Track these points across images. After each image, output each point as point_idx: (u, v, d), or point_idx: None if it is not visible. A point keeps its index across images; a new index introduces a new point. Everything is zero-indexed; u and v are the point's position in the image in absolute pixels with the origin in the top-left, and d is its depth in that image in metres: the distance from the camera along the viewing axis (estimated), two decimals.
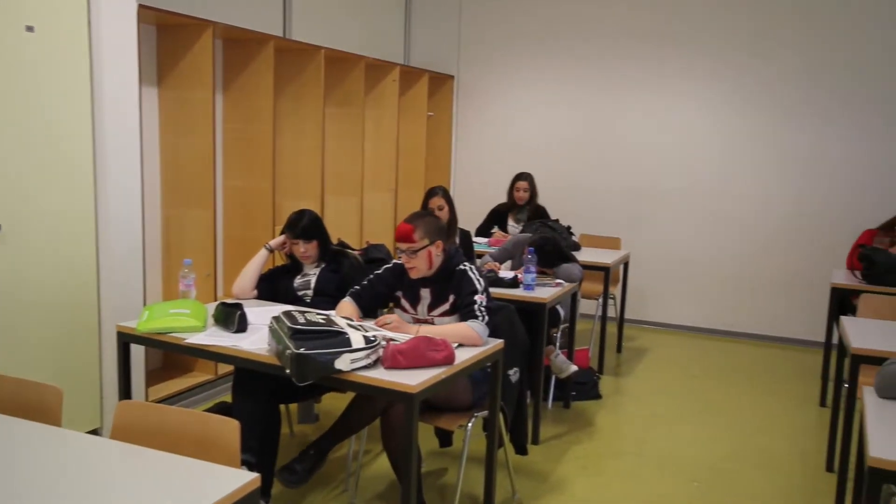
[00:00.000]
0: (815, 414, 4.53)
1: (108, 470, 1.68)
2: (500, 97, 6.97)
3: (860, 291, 4.15)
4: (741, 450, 3.96)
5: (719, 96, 6.18)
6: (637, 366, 5.43)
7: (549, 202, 5.86)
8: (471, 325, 2.82)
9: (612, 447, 3.95)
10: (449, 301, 3.01)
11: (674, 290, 6.47)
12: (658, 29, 6.30)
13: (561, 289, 4.02)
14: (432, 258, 2.97)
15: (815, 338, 5.19)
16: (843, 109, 5.80)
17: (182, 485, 1.60)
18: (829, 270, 4.93)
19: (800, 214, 6.00)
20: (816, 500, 3.39)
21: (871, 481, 1.94)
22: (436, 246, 2.96)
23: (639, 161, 6.49)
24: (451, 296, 3.00)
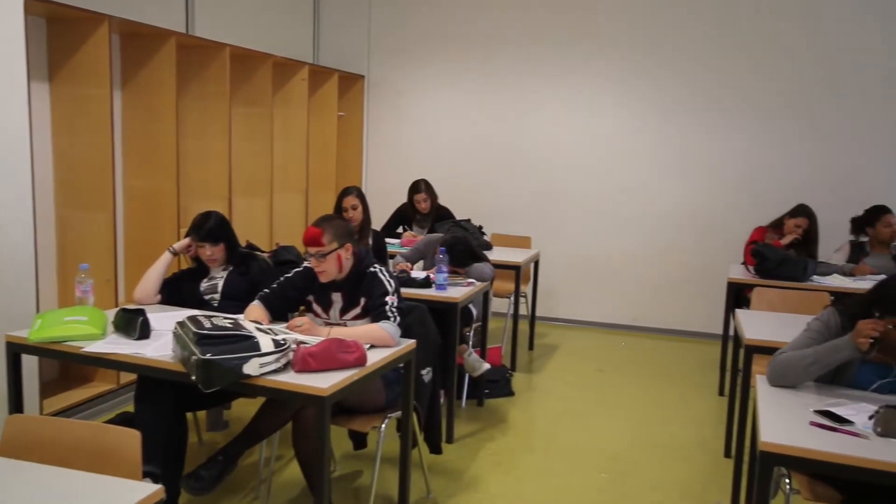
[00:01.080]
0: (715, 403, 4.75)
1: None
2: (411, 97, 6.98)
3: (753, 285, 4.38)
4: (646, 440, 4.11)
5: (623, 99, 6.39)
6: (548, 362, 5.55)
7: (461, 202, 5.92)
8: (382, 326, 2.81)
9: (525, 442, 4.02)
10: (360, 304, 2.99)
11: (582, 287, 6.65)
12: (566, 32, 6.45)
13: (473, 288, 4.06)
14: (342, 261, 2.95)
15: (714, 330, 5.43)
16: (738, 114, 6.10)
17: (76, 501, 1.53)
18: (726, 266, 5.18)
19: (699, 213, 6.28)
20: (715, 484, 3.56)
21: (763, 464, 2.05)
22: (345, 249, 2.94)
23: (548, 162, 6.63)
24: (363, 299, 2.98)
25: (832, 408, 2.25)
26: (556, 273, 6.54)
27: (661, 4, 6.18)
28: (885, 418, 2.07)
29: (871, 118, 5.80)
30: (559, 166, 6.61)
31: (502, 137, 6.73)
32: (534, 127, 6.65)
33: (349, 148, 6.99)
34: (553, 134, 6.60)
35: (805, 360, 2.43)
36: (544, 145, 6.63)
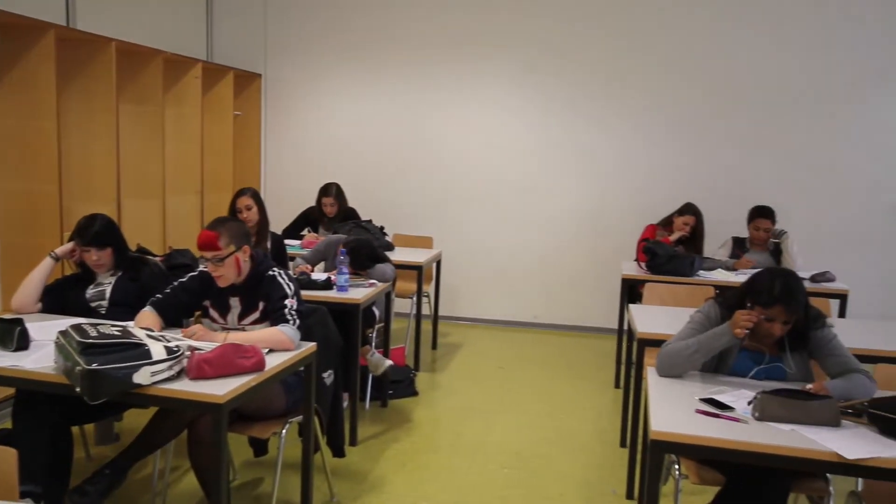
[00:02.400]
0: (612, 395, 4.92)
1: None
2: (311, 97, 6.88)
3: (645, 281, 4.57)
4: (547, 434, 4.21)
5: (524, 101, 6.52)
6: (452, 361, 5.59)
7: (363, 202, 5.88)
8: (281, 329, 2.75)
9: (429, 442, 4.04)
10: (259, 308, 2.92)
11: (484, 286, 6.75)
12: (466, 32, 6.53)
13: (375, 289, 4.04)
14: (240, 265, 2.88)
15: (611, 325, 5.62)
16: (635, 118, 6.35)
17: None
18: (621, 263, 5.37)
19: (596, 212, 6.49)
20: (611, 473, 3.69)
21: (653, 452, 2.14)
22: (243, 251, 2.87)
23: (450, 162, 6.69)
24: (261, 303, 2.92)
25: (715, 395, 2.38)
26: (458, 272, 6.61)
27: (558, 6, 6.35)
28: (762, 403, 2.20)
29: (750, 122, 6.15)
30: (461, 166, 6.68)
31: (404, 138, 6.74)
32: (436, 127, 6.69)
33: (246, 148, 6.82)
34: (455, 134, 6.66)
35: (689, 349, 2.55)
36: (446, 145, 6.69)
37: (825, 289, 4.55)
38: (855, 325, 3.84)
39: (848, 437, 2.08)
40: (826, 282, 4.66)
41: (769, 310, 2.47)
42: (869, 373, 2.48)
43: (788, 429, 2.14)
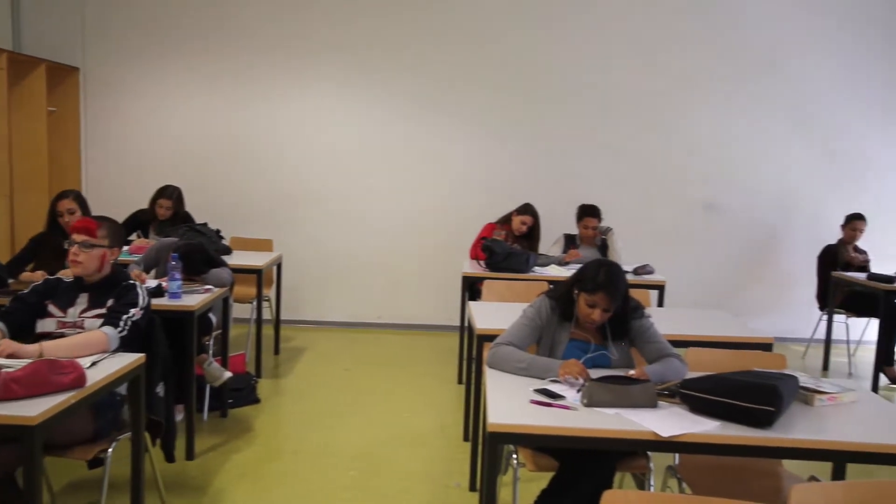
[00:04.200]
0: (455, 391, 5.03)
1: None
2: (138, 93, 6.48)
3: (484, 278, 4.71)
4: (392, 433, 4.23)
5: (367, 102, 6.52)
6: (295, 365, 5.48)
7: (197, 205, 5.62)
8: (103, 330, 2.69)
9: (272, 450, 3.94)
10: (106, 307, 2.83)
11: (328, 287, 6.67)
12: (306, 32, 6.42)
13: (211, 294, 3.87)
14: (104, 262, 2.86)
15: (454, 322, 5.75)
16: (474, 120, 6.52)
17: None
18: (463, 261, 5.50)
19: (438, 211, 6.61)
20: (455, 467, 3.77)
21: (491, 443, 2.21)
22: (112, 252, 2.88)
23: (290, 162, 6.55)
24: (111, 301, 2.84)
25: (548, 385, 2.50)
26: (300, 275, 6.48)
27: (397, 7, 6.40)
28: (589, 391, 2.34)
29: (581, 124, 6.53)
30: (302, 167, 6.56)
31: (242, 138, 6.52)
32: (275, 127, 6.52)
33: (64, 147, 6.30)
34: (296, 134, 6.54)
35: (520, 364, 2.65)
36: (287, 146, 6.54)
37: (645, 280, 4.92)
38: (671, 313, 4.19)
39: (664, 417, 2.26)
40: (646, 274, 5.03)
41: (592, 296, 2.64)
42: (681, 356, 2.71)
43: (613, 413, 2.28)
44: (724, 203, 6.65)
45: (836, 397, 2.46)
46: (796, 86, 6.52)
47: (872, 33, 6.49)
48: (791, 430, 2.19)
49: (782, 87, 6.52)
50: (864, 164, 6.61)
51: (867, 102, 6.55)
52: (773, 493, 2.54)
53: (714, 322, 3.77)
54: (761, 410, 2.16)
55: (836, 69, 6.50)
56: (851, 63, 6.50)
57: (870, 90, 6.54)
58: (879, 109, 6.56)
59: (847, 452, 2.21)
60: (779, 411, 2.18)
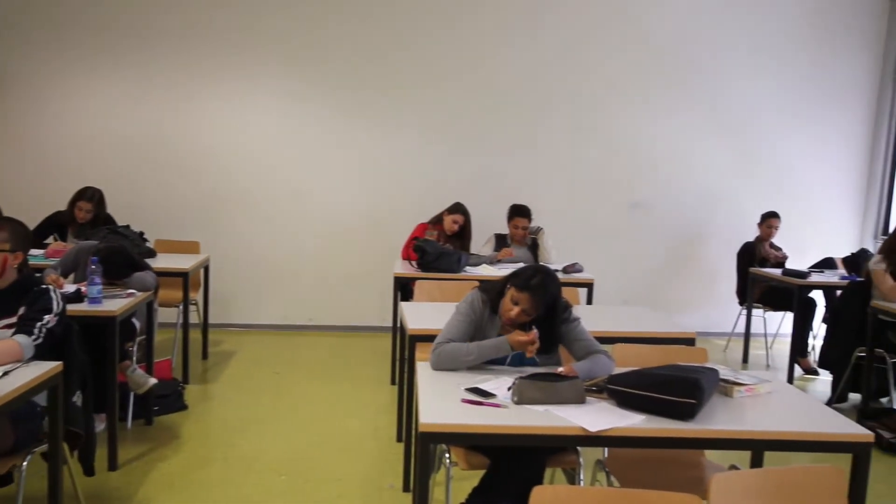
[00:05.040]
0: (388, 392, 5.01)
1: None
2: (49, 91, 6.23)
3: (416, 278, 4.71)
4: (325, 436, 4.19)
5: (297, 101, 6.44)
6: (224, 370, 5.36)
7: (119, 206, 5.44)
8: (16, 339, 2.57)
9: (200, 457, 3.83)
10: (17, 314, 2.70)
11: (258, 290, 6.55)
12: (236, 29, 6.28)
13: (134, 299, 3.75)
14: (6, 267, 2.71)
15: (387, 323, 5.74)
16: (407, 120, 6.52)
17: None
18: (395, 262, 5.49)
19: (370, 212, 6.57)
20: (389, 468, 3.76)
21: (422, 443, 2.21)
22: (15, 256, 2.74)
23: (216, 163, 6.41)
24: (23, 309, 2.71)
25: (479, 384, 2.51)
26: (229, 278, 6.34)
27: (327, 8, 6.33)
28: (519, 388, 2.36)
29: (512, 125, 6.61)
30: (231, 167, 6.43)
31: (167, 138, 6.34)
32: (202, 127, 6.37)
33: None
34: (223, 135, 6.40)
35: (468, 356, 2.67)
36: (214, 146, 6.40)
37: (574, 279, 5.01)
38: (599, 310, 4.29)
39: (592, 412, 2.30)
40: (575, 272, 5.12)
41: (519, 293, 2.67)
42: (608, 352, 2.77)
43: (542, 409, 2.32)
44: (650, 202, 6.85)
45: (753, 388, 2.55)
46: (716, 88, 6.76)
47: (789, 37, 6.79)
48: (712, 422, 2.27)
49: (703, 89, 6.75)
50: (779, 163, 6.91)
51: (784, 105, 6.85)
52: (696, 483, 2.63)
53: (640, 318, 3.87)
54: (684, 403, 2.23)
55: (754, 72, 6.78)
56: (769, 66, 6.79)
57: (786, 93, 6.84)
58: (795, 111, 6.87)
59: (763, 441, 2.31)
60: (700, 403, 2.26)
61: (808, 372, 5.84)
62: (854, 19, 6.84)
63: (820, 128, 6.92)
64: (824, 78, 6.87)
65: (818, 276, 5.70)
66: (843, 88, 6.91)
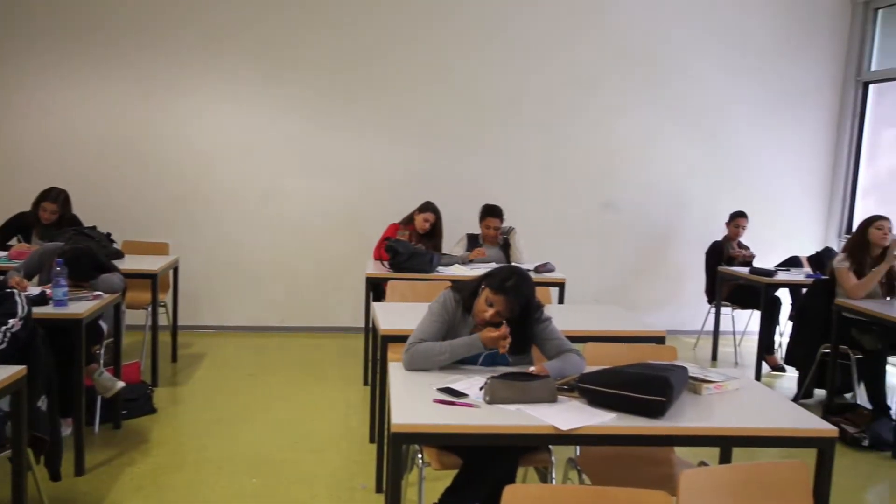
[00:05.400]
0: (361, 393, 5.00)
1: None
2: (16, 90, 6.11)
3: (388, 279, 4.70)
4: (298, 437, 4.16)
5: (270, 100, 6.38)
6: (195, 372, 5.30)
7: (85, 207, 5.35)
8: None
9: (170, 461, 3.79)
10: None
11: (228, 291, 6.49)
12: (207, 28, 6.21)
13: (100, 301, 3.69)
14: None
15: (359, 324, 5.70)
16: (376, 119, 6.50)
17: None
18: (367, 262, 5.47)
19: (342, 212, 6.54)
20: (361, 469, 3.74)
21: (394, 443, 2.21)
22: None
23: (186, 163, 6.33)
24: None
25: (451, 384, 2.52)
26: (199, 279, 6.28)
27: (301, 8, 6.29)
28: (491, 388, 2.37)
29: (482, 125, 6.62)
30: (201, 167, 6.36)
31: (134, 138, 6.25)
32: (170, 127, 6.29)
33: None
34: (191, 134, 6.33)
35: (441, 354, 2.68)
36: (185, 145, 6.33)
37: (546, 278, 5.03)
38: (570, 309, 4.32)
39: (563, 411, 2.32)
40: (547, 272, 5.15)
41: (494, 295, 2.68)
42: (580, 352, 2.79)
43: (514, 409, 2.32)
44: (621, 202, 6.91)
45: (721, 386, 2.59)
46: (686, 90, 6.85)
47: (756, 40, 6.90)
48: (681, 419, 2.29)
49: (673, 91, 6.83)
50: (747, 164, 7.02)
51: (752, 107, 6.96)
52: (666, 480, 2.66)
53: (610, 317, 3.90)
54: (653, 401, 2.25)
55: (722, 74, 6.87)
56: (737, 69, 6.89)
57: (754, 95, 6.95)
58: (762, 113, 6.98)
59: (731, 437, 2.35)
60: (670, 401, 2.28)
61: (775, 369, 5.94)
62: (818, 23, 6.98)
63: (786, 129, 7.04)
64: (790, 81, 6.99)
65: (784, 274, 5.80)
66: (808, 91, 7.04)
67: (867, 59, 6.96)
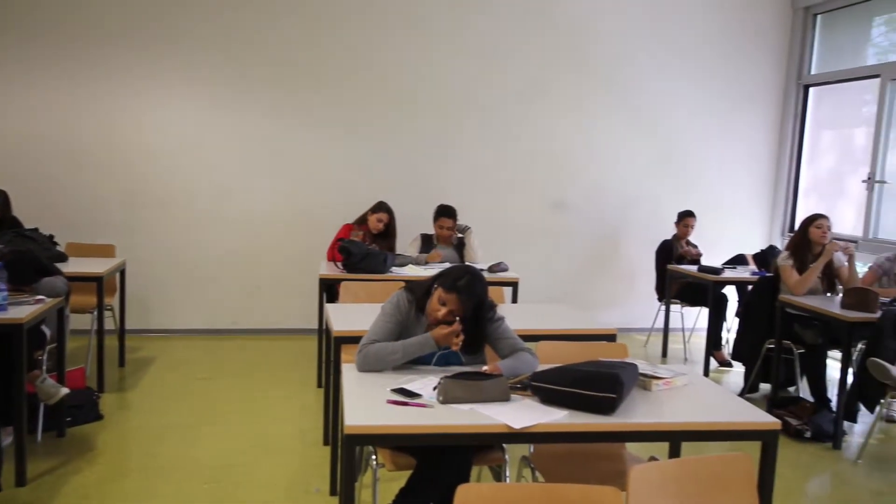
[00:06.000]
0: (315, 395, 4.95)
1: None
2: None
3: (341, 280, 4.67)
4: (250, 441, 4.10)
5: (219, 100, 6.28)
6: (144, 377, 5.19)
7: (26, 209, 5.19)
8: None
9: (118, 468, 3.70)
10: None
11: (177, 294, 6.36)
12: (152, 23, 6.08)
13: (43, 305, 3.58)
14: None
15: (313, 325, 5.64)
16: (330, 119, 6.45)
17: None
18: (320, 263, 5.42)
19: (296, 213, 6.47)
20: (316, 472, 3.71)
21: (347, 445, 2.20)
22: None
23: (132, 163, 6.19)
24: None
25: (405, 384, 2.51)
26: (147, 282, 6.14)
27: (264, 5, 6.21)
28: (444, 388, 2.38)
29: (437, 126, 6.63)
30: (148, 168, 6.22)
31: (77, 137, 6.08)
32: (115, 125, 6.14)
33: None
34: (138, 134, 6.19)
35: (394, 354, 2.67)
36: (128, 146, 6.18)
37: (500, 278, 5.06)
38: (523, 309, 4.34)
39: (516, 409, 2.34)
40: (500, 272, 5.18)
41: (447, 294, 2.69)
42: (532, 350, 2.81)
43: (468, 408, 2.33)
44: (573, 202, 6.99)
45: (670, 382, 2.64)
46: (634, 91, 6.97)
47: (702, 44, 7.06)
48: (631, 415, 2.33)
49: (622, 92, 6.95)
50: (695, 165, 7.18)
51: (698, 109, 7.12)
52: (618, 475, 2.70)
53: (563, 316, 3.95)
54: (604, 398, 2.29)
55: (669, 76, 7.01)
56: (683, 71, 7.04)
57: (700, 97, 7.10)
58: (709, 115, 7.14)
59: (680, 432, 2.40)
60: (620, 398, 2.32)
61: (723, 364, 6.08)
62: (761, 29, 7.17)
63: (732, 131, 7.22)
64: (735, 84, 7.17)
65: (731, 272, 5.95)
66: (753, 94, 7.23)
67: (807, 63, 7.18)
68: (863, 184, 6.39)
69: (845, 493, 3.84)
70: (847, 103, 6.96)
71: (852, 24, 6.82)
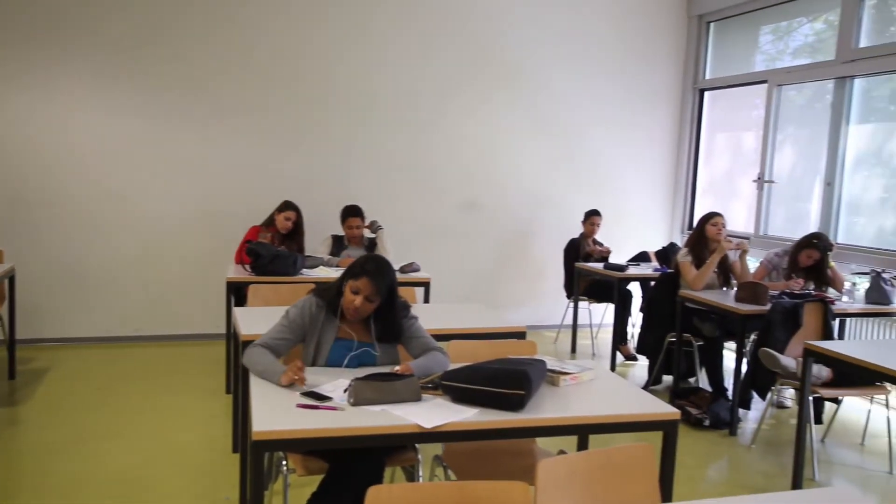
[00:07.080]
0: (223, 401, 4.81)
1: None
2: None
3: (250, 283, 4.56)
4: (156, 452, 3.95)
5: (116, 95, 6.01)
6: (36, 390, 4.91)
7: None
8: None
9: (7, 488, 3.48)
10: None
11: (73, 301, 6.05)
12: (41, 15, 5.75)
13: None
14: None
15: (221, 330, 5.49)
16: (238, 121, 6.28)
17: None
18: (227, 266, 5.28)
19: (200, 215, 6.27)
20: (225, 480, 3.61)
21: (255, 452, 2.15)
22: None
23: (23, 163, 5.85)
24: None
25: (315, 387, 2.48)
26: (39, 289, 5.83)
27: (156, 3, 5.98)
28: (355, 390, 2.36)
29: (346, 126, 6.57)
30: (36, 169, 5.89)
31: None
32: (3, 124, 5.78)
33: None
34: (29, 133, 5.85)
35: (258, 366, 2.60)
36: (16, 146, 5.83)
37: (411, 278, 5.07)
38: (435, 308, 4.37)
39: (427, 409, 2.35)
40: (412, 272, 5.19)
41: (356, 281, 2.68)
42: (444, 349, 2.84)
43: (379, 409, 2.32)
44: (483, 201, 7.08)
45: (577, 377, 2.72)
46: (540, 92, 7.12)
47: (604, 48, 7.28)
48: (540, 411, 2.38)
49: (528, 92, 7.09)
50: (599, 165, 7.40)
51: (601, 110, 7.34)
52: (528, 470, 2.73)
53: (474, 315, 3.99)
54: (513, 395, 2.33)
55: (573, 78, 7.20)
56: (587, 73, 7.24)
57: (603, 99, 7.33)
58: (612, 117, 7.38)
59: (586, 425, 2.47)
60: (529, 394, 2.37)
61: (629, 358, 6.30)
62: (659, 34, 7.47)
63: (634, 133, 7.49)
64: (636, 87, 7.44)
65: (634, 269, 6.17)
66: (652, 97, 7.52)
67: (702, 67, 7.53)
68: (753, 184, 6.75)
69: (739, 477, 4.04)
70: (738, 107, 7.35)
71: (742, 32, 7.20)
